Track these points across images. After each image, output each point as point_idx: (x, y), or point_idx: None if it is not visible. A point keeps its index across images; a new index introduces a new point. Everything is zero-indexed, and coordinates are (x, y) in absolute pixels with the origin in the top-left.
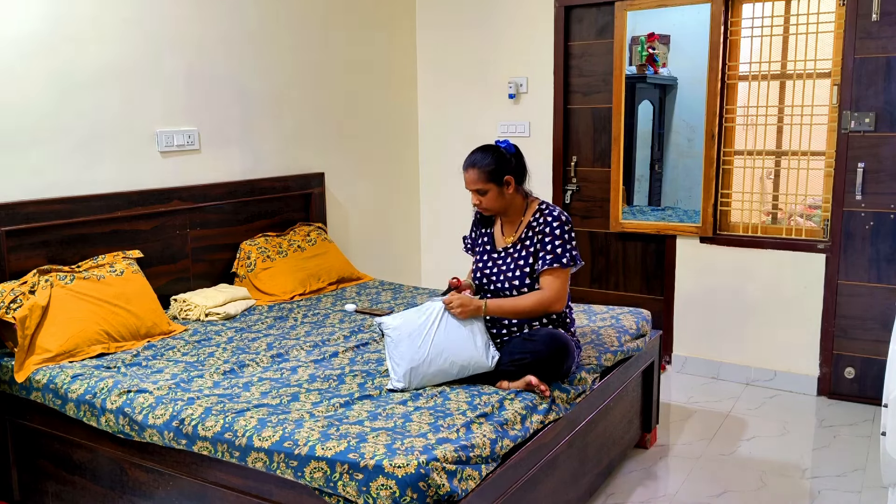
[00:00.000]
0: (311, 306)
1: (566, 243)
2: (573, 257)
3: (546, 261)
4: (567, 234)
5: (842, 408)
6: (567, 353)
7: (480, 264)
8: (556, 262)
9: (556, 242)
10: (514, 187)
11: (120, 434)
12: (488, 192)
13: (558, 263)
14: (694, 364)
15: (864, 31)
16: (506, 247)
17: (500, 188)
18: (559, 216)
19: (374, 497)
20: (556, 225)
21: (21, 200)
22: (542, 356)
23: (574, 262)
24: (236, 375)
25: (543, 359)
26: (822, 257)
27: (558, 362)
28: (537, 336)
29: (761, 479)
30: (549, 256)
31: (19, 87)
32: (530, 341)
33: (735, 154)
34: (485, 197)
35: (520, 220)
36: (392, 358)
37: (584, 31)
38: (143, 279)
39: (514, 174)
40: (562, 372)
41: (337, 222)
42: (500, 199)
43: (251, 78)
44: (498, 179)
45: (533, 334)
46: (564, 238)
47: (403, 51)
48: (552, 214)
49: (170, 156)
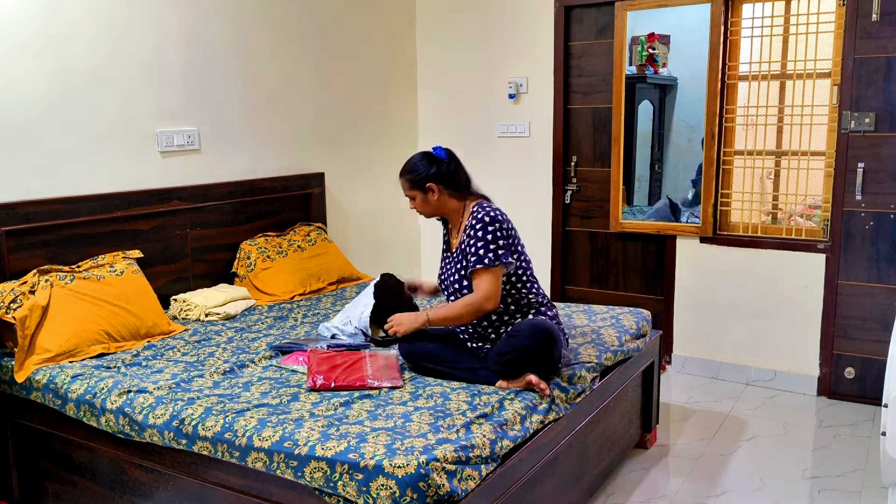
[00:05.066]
0: (311, 306)
1: (488, 244)
2: (497, 256)
3: (471, 263)
4: (490, 234)
5: (842, 408)
6: (553, 339)
7: (439, 269)
8: (479, 263)
9: (479, 244)
10: (438, 194)
11: (120, 434)
12: (415, 198)
13: (481, 264)
14: (694, 364)
15: (864, 31)
16: (453, 250)
17: (424, 195)
18: (482, 217)
19: (374, 497)
20: (479, 227)
21: (21, 200)
22: (530, 348)
23: (498, 260)
24: (236, 375)
25: (532, 350)
26: (822, 257)
27: (547, 350)
28: (520, 329)
29: (761, 479)
30: (473, 259)
31: (19, 87)
32: (514, 337)
33: (735, 154)
34: (414, 202)
35: (460, 222)
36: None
37: (584, 31)
38: (143, 279)
39: (439, 181)
40: (553, 360)
41: (337, 222)
42: (426, 205)
43: (251, 78)
44: (421, 187)
45: (516, 329)
46: (487, 239)
47: (403, 51)
48: (476, 217)
49: (170, 156)
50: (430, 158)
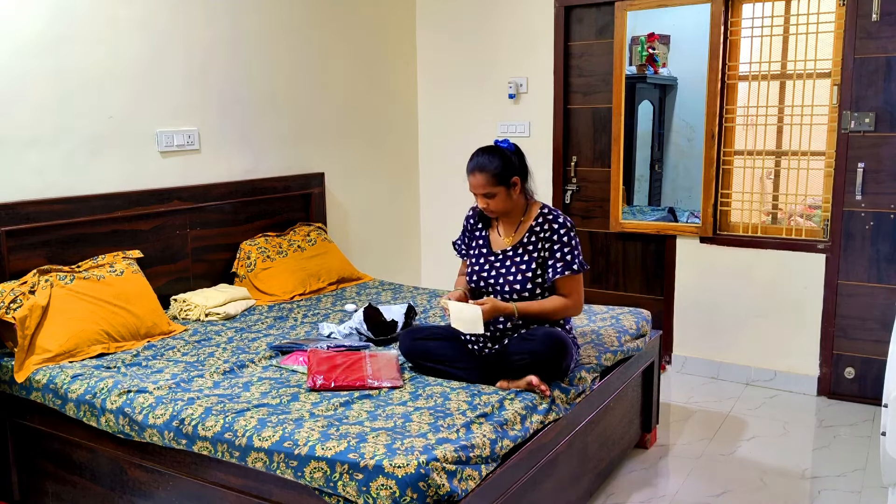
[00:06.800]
0: (311, 306)
1: (574, 249)
2: (581, 263)
3: (557, 269)
4: (573, 239)
5: (842, 408)
6: (566, 351)
7: (477, 267)
8: (568, 270)
9: (566, 249)
10: (520, 188)
11: (120, 434)
12: (496, 195)
13: (570, 270)
14: (694, 364)
15: (864, 31)
16: (504, 249)
17: (508, 190)
18: (565, 222)
19: (374, 497)
20: (563, 232)
21: (21, 200)
22: (542, 355)
23: (583, 267)
24: (236, 375)
25: (543, 358)
26: (822, 257)
27: (557, 360)
28: (536, 335)
29: (761, 479)
30: (560, 264)
31: (19, 87)
32: (529, 341)
33: (735, 154)
34: (492, 200)
35: (519, 222)
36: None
37: (584, 31)
38: (143, 279)
39: (519, 174)
40: (561, 370)
41: (337, 222)
42: (509, 201)
43: (251, 78)
44: (506, 182)
45: (531, 334)
46: (572, 244)
47: (403, 51)
48: (558, 221)
49: (170, 156)
50: (504, 152)
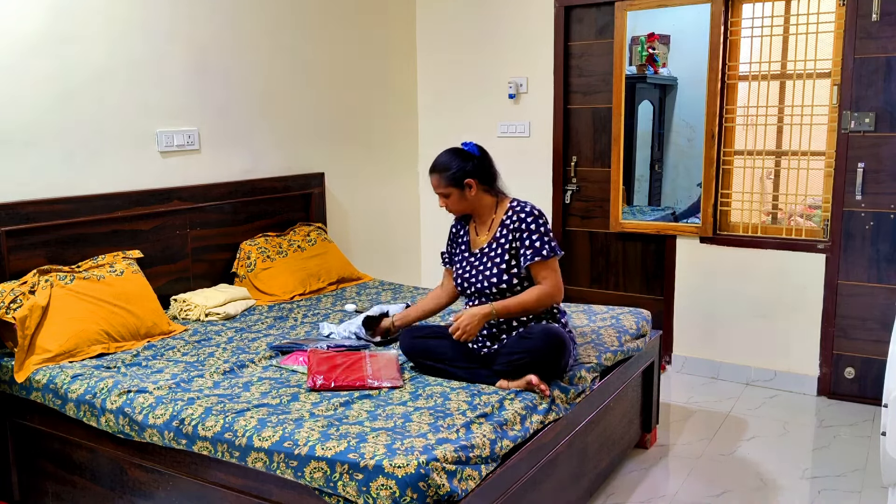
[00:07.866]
0: (311, 306)
1: (543, 236)
2: (552, 248)
3: (528, 256)
4: (542, 227)
5: (842, 408)
6: (564, 347)
7: (460, 270)
8: (538, 256)
9: (535, 237)
10: (476, 189)
11: (120, 434)
12: (450, 195)
13: (539, 256)
14: (694, 364)
15: (864, 31)
16: (482, 248)
17: (461, 191)
18: (532, 211)
19: (374, 497)
20: (531, 220)
21: (21, 200)
22: (540, 353)
23: (554, 252)
24: (236, 375)
25: (541, 356)
26: (822, 257)
27: (556, 357)
28: (533, 333)
29: (761, 479)
30: (530, 251)
31: (19, 87)
32: (526, 339)
33: (735, 154)
34: (448, 200)
35: (491, 220)
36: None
37: (584, 31)
38: (143, 279)
39: (476, 176)
40: (560, 367)
41: (337, 222)
42: (463, 202)
43: (251, 78)
44: (458, 183)
45: (529, 332)
46: (541, 231)
47: (403, 51)
48: (525, 210)
49: (170, 156)
50: (464, 154)
